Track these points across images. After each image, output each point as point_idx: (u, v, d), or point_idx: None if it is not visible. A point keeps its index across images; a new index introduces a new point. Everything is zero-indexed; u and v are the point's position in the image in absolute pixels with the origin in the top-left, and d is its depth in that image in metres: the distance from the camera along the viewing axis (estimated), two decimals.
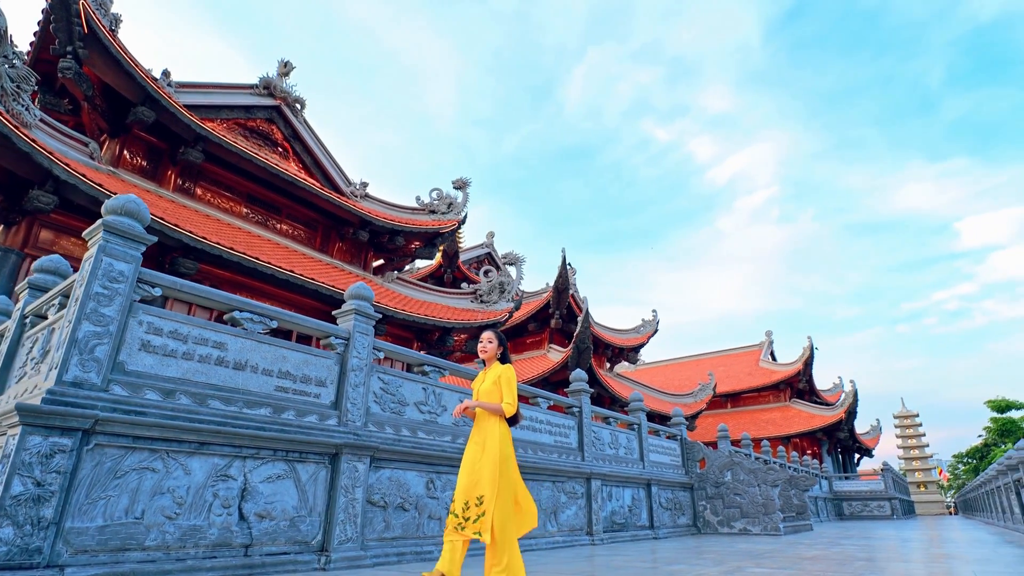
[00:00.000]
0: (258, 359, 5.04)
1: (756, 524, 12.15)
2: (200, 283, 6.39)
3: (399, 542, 5.78)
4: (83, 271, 4.14)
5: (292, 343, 5.42)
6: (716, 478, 13.07)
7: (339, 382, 5.72)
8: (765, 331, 54.68)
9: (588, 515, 9.10)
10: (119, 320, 4.12)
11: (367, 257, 17.32)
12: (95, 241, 4.21)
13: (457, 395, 7.27)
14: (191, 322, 4.64)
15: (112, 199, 4.33)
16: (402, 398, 6.46)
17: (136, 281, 4.32)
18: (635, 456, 11.52)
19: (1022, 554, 7.09)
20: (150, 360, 4.30)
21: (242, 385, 4.85)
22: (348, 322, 6.03)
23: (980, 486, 19.40)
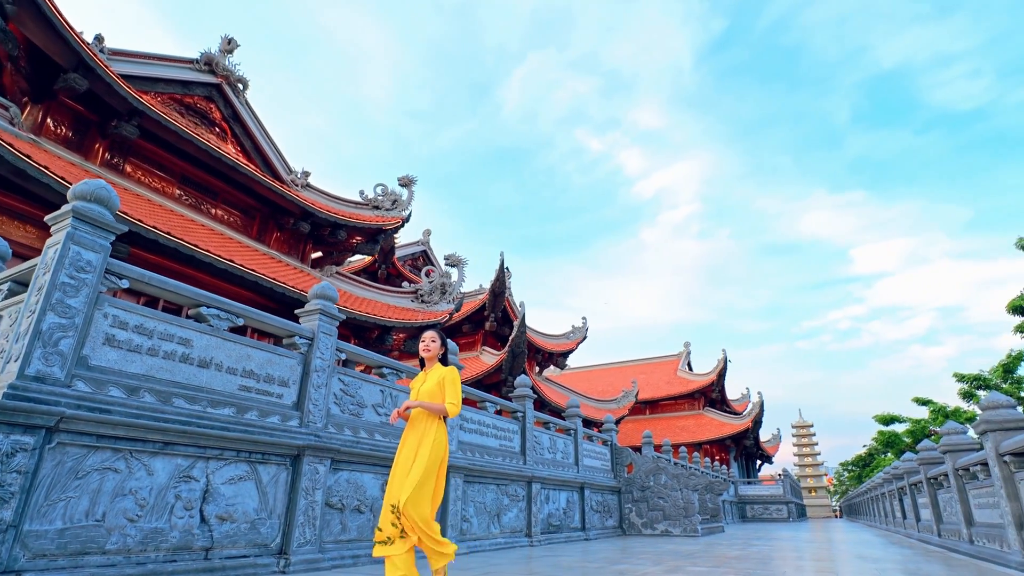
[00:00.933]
0: (223, 357, 4.90)
1: (677, 526, 12.91)
2: None
3: (354, 544, 5.77)
4: (47, 258, 3.91)
5: (258, 341, 5.31)
6: (642, 482, 13.76)
7: (302, 383, 5.64)
8: (684, 342, 57.19)
9: (528, 517, 9.37)
10: (85, 312, 3.92)
11: (305, 249, 16.81)
12: (61, 227, 3.97)
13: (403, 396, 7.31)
14: (158, 316, 4.46)
15: (81, 184, 4.10)
16: (361, 400, 6.45)
17: (104, 272, 4.12)
18: (571, 460, 11.94)
19: (911, 552, 8.06)
20: (114, 355, 4.11)
21: (206, 384, 4.71)
22: (312, 322, 5.96)
23: (865, 492, 21.54)
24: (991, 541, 5.96)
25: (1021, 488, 5.04)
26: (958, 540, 7.36)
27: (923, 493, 9.80)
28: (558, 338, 36.79)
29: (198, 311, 4.83)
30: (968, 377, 16.74)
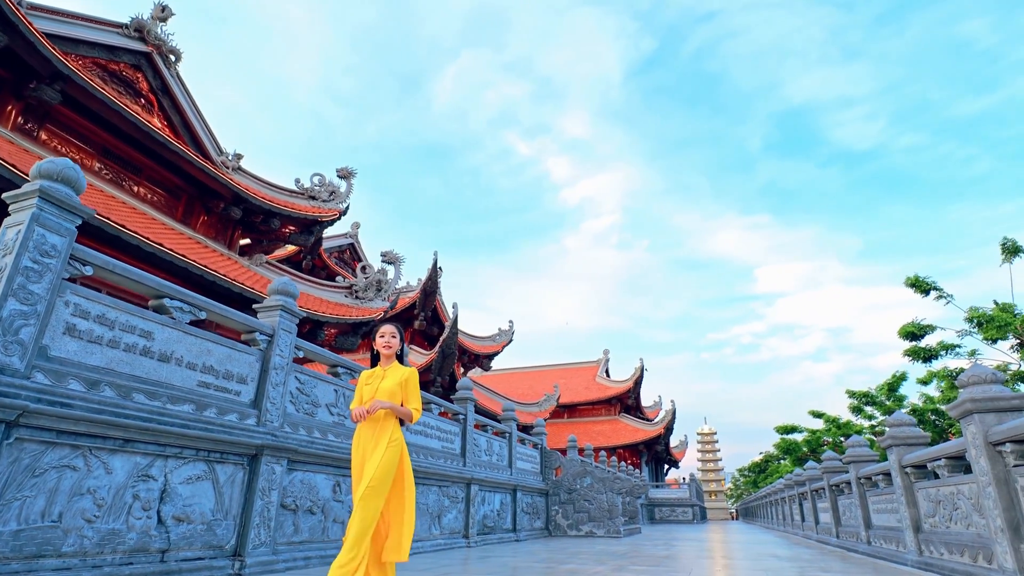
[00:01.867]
0: (184, 351, 4.71)
1: (601, 528, 13.48)
2: None
3: (306, 546, 5.68)
4: (6, 239, 3.62)
5: (219, 336, 5.13)
6: (570, 485, 14.24)
7: (260, 380, 5.49)
8: (603, 350, 58.97)
9: (466, 519, 9.50)
10: (48, 300, 3.67)
11: (233, 235, 16.00)
12: (24, 207, 3.69)
13: None
14: (120, 307, 4.23)
15: (47, 163, 3.83)
16: (315, 399, 6.34)
17: (68, 258, 3.86)
18: (505, 463, 12.18)
19: (816, 552, 8.96)
20: (74, 346, 3.87)
21: (166, 379, 4.51)
22: (273, 318, 5.81)
23: (764, 496, 23.44)
24: (887, 542, 6.81)
25: (919, 496, 5.84)
26: (856, 541, 8.29)
27: (823, 498, 10.90)
28: (484, 340, 37.04)
29: (161, 303, 4.61)
30: (858, 394, 18.63)
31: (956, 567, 4.81)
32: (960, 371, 11.76)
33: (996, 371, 4.26)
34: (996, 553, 4.09)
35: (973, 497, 4.58)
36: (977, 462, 4.23)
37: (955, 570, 4.82)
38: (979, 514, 4.49)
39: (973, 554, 4.53)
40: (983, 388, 4.21)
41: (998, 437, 3.97)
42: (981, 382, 4.26)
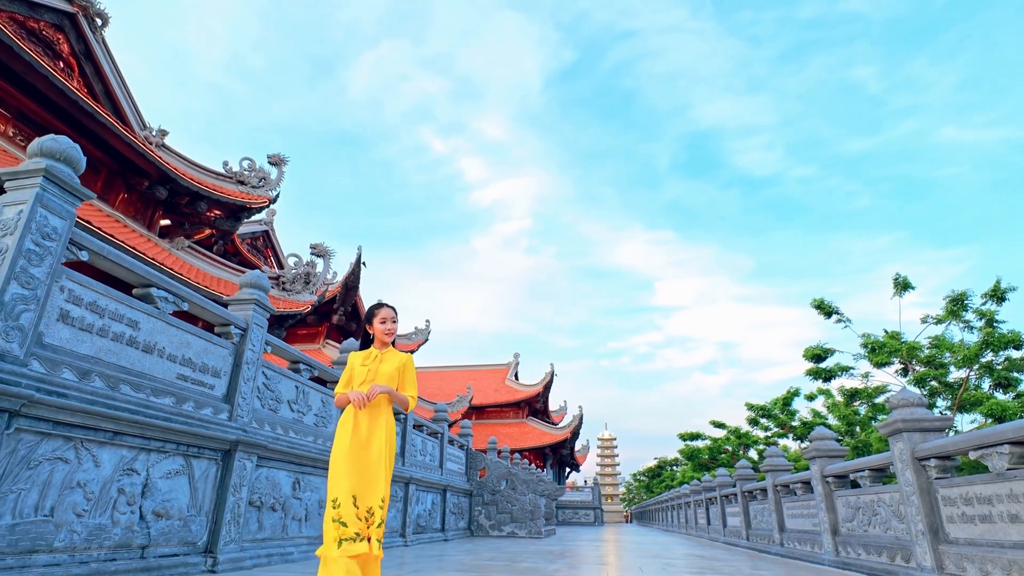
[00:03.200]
0: (166, 343, 4.60)
1: (523, 528, 13.98)
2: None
3: (268, 543, 5.65)
4: (5, 218, 3.45)
5: (199, 328, 5.02)
6: (493, 486, 14.64)
7: (232, 374, 5.42)
8: (514, 353, 59.83)
9: (404, 518, 9.61)
10: (47, 284, 3.53)
11: (154, 216, 14.97)
12: (28, 186, 3.53)
13: (319, 395, 7.25)
14: (111, 295, 4.09)
15: (50, 140, 3.68)
16: (279, 395, 6.29)
17: (68, 242, 3.72)
18: (436, 463, 12.36)
19: (730, 552, 9.96)
20: (67, 333, 3.73)
21: (148, 370, 4.40)
22: (246, 312, 5.73)
23: (666, 500, 25.20)
24: (802, 544, 7.80)
25: (838, 503, 6.80)
26: (768, 543, 9.32)
27: (733, 503, 12.04)
28: (400, 338, 36.69)
29: (148, 291, 4.48)
30: (756, 407, 20.54)
31: (875, 566, 5.73)
32: (854, 390, 13.44)
33: (921, 396, 5.15)
34: (916, 553, 4.96)
35: (894, 504, 5.49)
36: (903, 474, 5.11)
37: (873, 568, 5.73)
38: (899, 519, 5.39)
39: (891, 554, 5.42)
40: (911, 410, 5.10)
41: (923, 453, 4.85)
42: (909, 405, 5.16)
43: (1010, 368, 11.14)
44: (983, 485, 4.43)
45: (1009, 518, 4.17)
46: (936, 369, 11.79)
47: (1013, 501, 4.14)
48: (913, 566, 5.11)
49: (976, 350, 11.21)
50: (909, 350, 12.07)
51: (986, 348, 11.27)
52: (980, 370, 11.39)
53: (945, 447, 4.71)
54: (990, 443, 4.30)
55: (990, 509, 4.35)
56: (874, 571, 5.74)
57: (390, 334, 3.30)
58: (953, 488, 4.76)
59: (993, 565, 4.23)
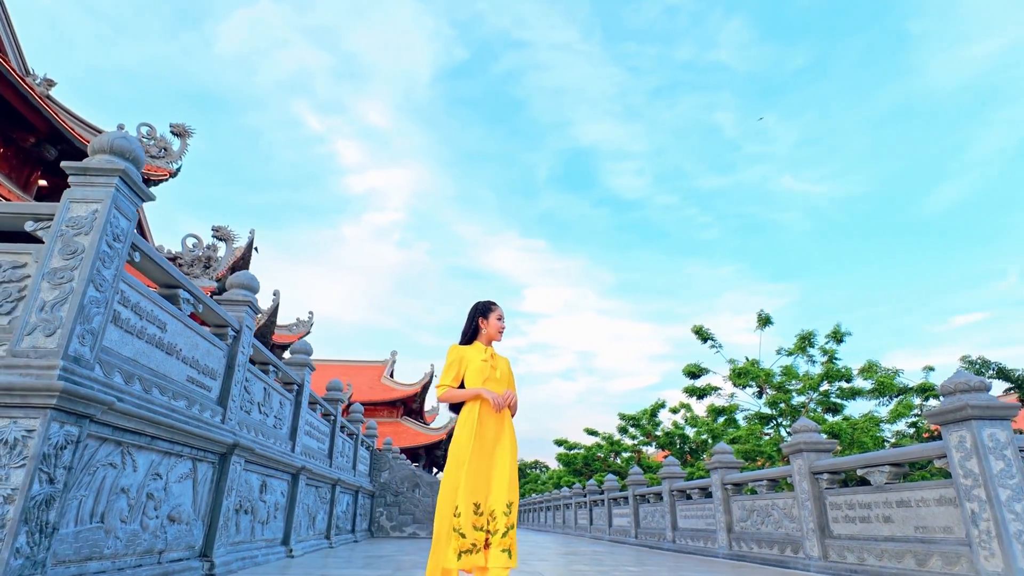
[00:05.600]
0: (183, 344, 4.52)
1: (424, 529, 14.30)
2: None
3: (242, 547, 5.62)
4: (76, 215, 3.34)
5: (205, 330, 4.94)
6: (397, 488, 14.80)
7: (225, 377, 5.35)
8: (391, 351, 58.79)
9: (330, 520, 9.60)
10: (114, 286, 3.46)
11: (32, 177, 13.16)
12: (101, 184, 3.43)
13: (279, 396, 7.18)
14: (151, 296, 4.01)
15: (122, 139, 3.59)
16: (252, 397, 6.22)
17: (131, 244, 3.64)
18: (351, 464, 12.32)
19: (622, 548, 11.15)
20: (116, 336, 3.64)
21: (169, 372, 4.32)
22: (240, 313, 5.65)
23: (540, 502, 26.79)
24: (694, 540, 9.13)
25: (734, 506, 8.15)
26: (659, 540, 10.64)
27: (621, 505, 13.42)
28: (282, 329, 34.83)
29: (176, 292, 4.38)
30: (627, 416, 22.61)
31: (767, 556, 7.06)
32: (720, 408, 15.55)
33: (817, 423, 6.52)
34: (805, 546, 6.27)
35: (787, 507, 6.84)
36: (800, 484, 6.44)
37: (765, 558, 7.06)
38: (790, 520, 6.74)
39: (783, 548, 6.75)
40: (809, 435, 6.47)
41: (818, 468, 6.18)
42: (808, 431, 6.53)
43: (840, 396, 13.76)
44: (864, 495, 5.82)
45: (883, 519, 5.56)
46: (784, 393, 14.17)
47: (887, 507, 5.53)
48: (802, 556, 6.47)
49: (817, 380, 13.71)
50: (765, 376, 14.37)
51: (824, 379, 13.80)
52: (817, 397, 13.91)
53: (838, 464, 6.10)
54: (874, 464, 5.69)
55: (868, 512, 5.74)
56: (766, 561, 7.10)
57: (502, 333, 3.23)
58: (840, 496, 6.15)
59: (868, 553, 5.61)
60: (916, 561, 5.18)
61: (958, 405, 4.93)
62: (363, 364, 56.87)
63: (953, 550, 4.90)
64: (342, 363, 56.12)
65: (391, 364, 56.17)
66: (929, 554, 5.08)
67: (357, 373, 53.43)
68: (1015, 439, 4.93)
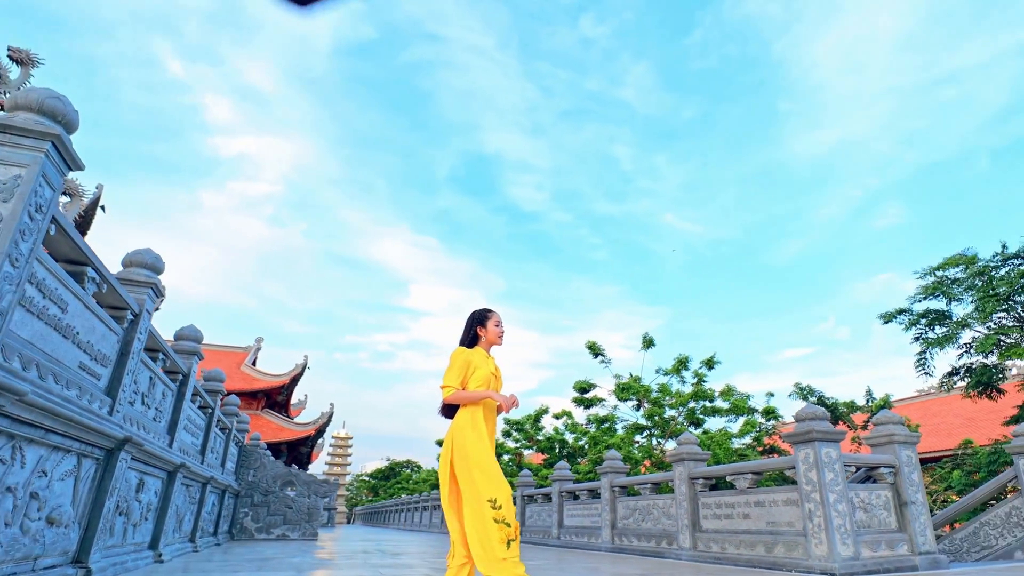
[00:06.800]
0: (80, 327, 4.09)
1: (296, 531, 13.68)
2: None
3: (116, 551, 5.13)
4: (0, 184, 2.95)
5: (103, 311, 4.47)
6: (267, 487, 14.00)
7: (117, 364, 4.88)
8: (256, 338, 55.22)
9: (196, 521, 8.92)
10: (29, 262, 3.10)
11: None
12: (28, 149, 3.05)
13: (162, 386, 6.60)
14: (57, 273, 3.60)
15: (51, 97, 3.22)
16: (138, 387, 5.69)
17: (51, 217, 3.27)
18: (220, 461, 11.49)
19: None
20: (18, 315, 3.25)
21: (62, 357, 3.90)
22: (140, 295, 5.16)
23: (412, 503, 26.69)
24: (579, 536, 9.78)
25: (619, 505, 8.86)
26: (544, 537, 11.21)
27: None
28: None
29: (84, 270, 3.95)
30: (511, 421, 23.32)
31: (646, 548, 7.81)
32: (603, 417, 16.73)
33: (694, 436, 7.39)
34: (679, 539, 7.07)
35: (665, 507, 7.64)
36: (679, 488, 7.24)
37: (644, 550, 7.81)
38: (668, 517, 7.53)
39: (659, 541, 7.53)
40: (690, 446, 7.31)
41: (696, 474, 7.00)
42: (689, 443, 7.38)
43: (703, 413, 15.51)
44: (730, 496, 6.71)
45: (743, 516, 6.47)
46: (659, 408, 15.63)
47: (747, 506, 6.44)
48: (675, 547, 7.30)
49: (688, 398, 15.31)
50: (645, 392, 15.75)
51: (693, 398, 15.44)
52: (685, 412, 15.53)
53: (711, 472, 6.98)
54: (739, 472, 6.59)
55: (732, 511, 6.64)
56: (644, 553, 7.89)
57: (502, 336, 3.29)
58: (710, 498, 7.03)
59: (729, 544, 6.49)
60: (765, 549, 6.11)
61: (807, 429, 5.91)
62: (221, 349, 52.46)
63: (794, 539, 5.86)
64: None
65: (255, 352, 52.47)
66: (776, 543, 6.02)
67: (214, 359, 49.07)
68: (841, 456, 6.02)
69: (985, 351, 11.53)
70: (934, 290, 12.52)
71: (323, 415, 40.97)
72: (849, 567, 5.36)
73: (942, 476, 14.41)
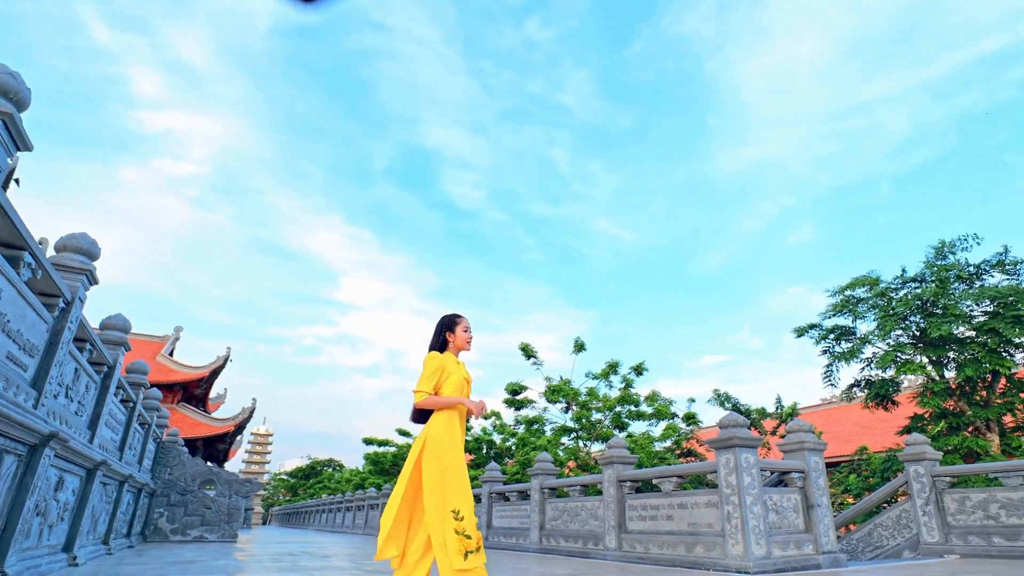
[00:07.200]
0: (11, 314, 3.86)
1: (214, 532, 13.11)
2: None
3: (31, 553, 4.83)
4: None
5: (35, 298, 4.23)
6: (185, 486, 13.35)
7: (45, 355, 4.61)
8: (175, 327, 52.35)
9: (111, 522, 8.44)
10: None
11: None
12: None
13: (87, 378, 6.25)
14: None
15: (5, 74, 3.06)
16: (62, 379, 5.38)
17: None
18: (138, 458, 10.87)
19: None
20: None
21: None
22: (74, 282, 4.89)
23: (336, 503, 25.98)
24: (507, 537, 9.94)
25: (548, 506, 9.10)
26: None
27: None
28: None
29: (19, 255, 3.73)
30: None
31: (573, 549, 8.08)
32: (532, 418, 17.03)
33: (626, 442, 7.73)
34: (605, 540, 7.38)
35: (593, 509, 7.94)
36: (608, 490, 7.56)
37: (571, 551, 8.08)
38: (595, 519, 7.83)
39: (586, 542, 7.82)
40: (619, 450, 7.65)
41: (624, 477, 7.34)
42: (619, 447, 7.70)
43: (629, 417, 16.15)
44: (655, 499, 7.12)
45: (667, 518, 6.88)
46: (587, 411, 16.14)
47: (671, 508, 6.86)
48: (601, 548, 7.64)
49: (615, 402, 15.90)
50: (574, 395, 16.22)
51: (620, 402, 16.05)
52: (612, 416, 16.13)
53: (639, 475, 7.36)
54: (665, 475, 7.01)
55: (657, 512, 7.04)
56: (571, 553, 8.19)
57: (470, 342, 3.31)
58: (637, 500, 7.42)
59: (653, 544, 6.88)
60: (686, 549, 6.53)
61: (729, 436, 6.39)
62: (136, 337, 48.98)
63: (713, 540, 6.31)
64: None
65: (173, 341, 49.55)
66: (696, 543, 6.45)
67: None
68: (759, 461, 6.55)
69: (884, 366, 12.75)
70: (842, 308, 13.68)
71: (244, 410, 39.23)
72: (762, 565, 5.84)
73: (840, 480, 15.72)
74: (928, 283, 12.71)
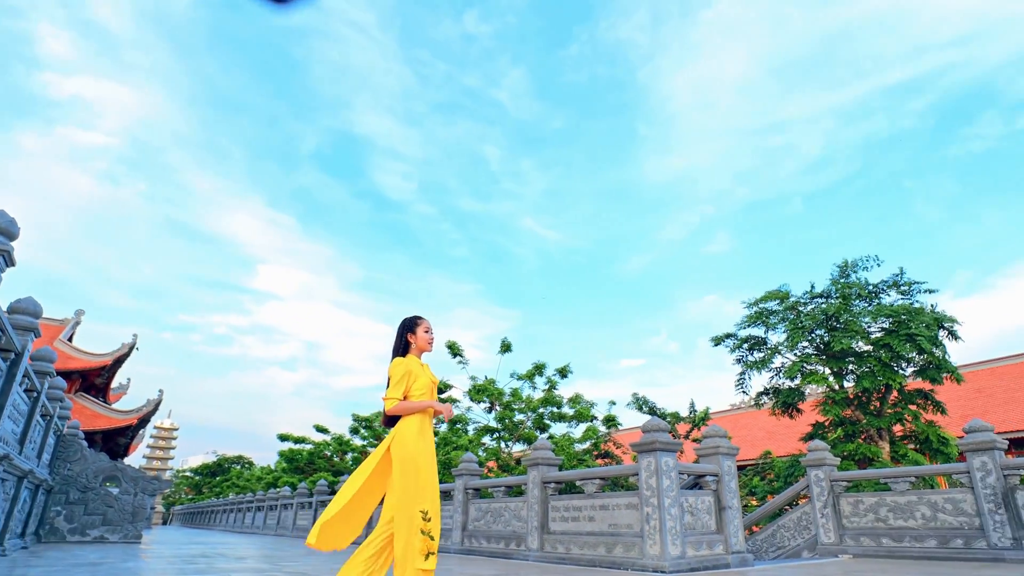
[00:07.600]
0: None
1: (117, 532, 12.35)
2: None
3: None
4: None
5: None
6: (87, 483, 12.50)
7: None
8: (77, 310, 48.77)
9: (7, 520, 7.85)
10: None
11: None
12: None
13: None
14: None
15: None
16: None
17: None
18: (37, 452, 10.11)
19: None
20: None
21: None
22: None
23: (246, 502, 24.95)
24: (442, 539, 10.04)
25: (471, 507, 9.27)
26: None
27: None
28: None
29: None
30: (360, 417, 22.91)
31: (494, 549, 8.29)
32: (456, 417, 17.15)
33: (551, 443, 8.06)
34: (528, 541, 7.65)
35: (517, 510, 8.19)
36: (532, 491, 7.84)
37: (493, 552, 8.29)
38: (518, 520, 8.09)
39: (508, 542, 8.06)
40: (544, 452, 7.96)
41: (548, 479, 7.65)
42: (544, 448, 8.02)
43: (551, 418, 16.68)
44: (578, 500, 7.49)
45: (588, 519, 7.26)
46: (510, 411, 16.51)
47: (593, 510, 7.25)
48: (524, 548, 7.93)
49: (538, 403, 16.35)
50: (498, 395, 16.54)
51: (543, 404, 16.52)
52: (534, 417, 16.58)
53: (563, 476, 7.72)
54: (588, 477, 7.41)
55: (579, 514, 7.41)
56: (494, 554, 8.42)
57: (431, 343, 3.33)
58: (560, 501, 7.77)
59: (574, 544, 7.25)
60: (606, 549, 6.93)
61: (651, 440, 6.83)
62: None
63: (632, 540, 6.73)
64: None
65: (72, 326, 45.84)
66: (615, 544, 6.86)
67: None
68: (677, 465, 7.04)
69: (791, 376, 13.86)
70: (755, 319, 14.74)
71: (149, 402, 36.89)
72: (677, 565, 6.27)
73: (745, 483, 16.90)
74: (833, 299, 13.86)
